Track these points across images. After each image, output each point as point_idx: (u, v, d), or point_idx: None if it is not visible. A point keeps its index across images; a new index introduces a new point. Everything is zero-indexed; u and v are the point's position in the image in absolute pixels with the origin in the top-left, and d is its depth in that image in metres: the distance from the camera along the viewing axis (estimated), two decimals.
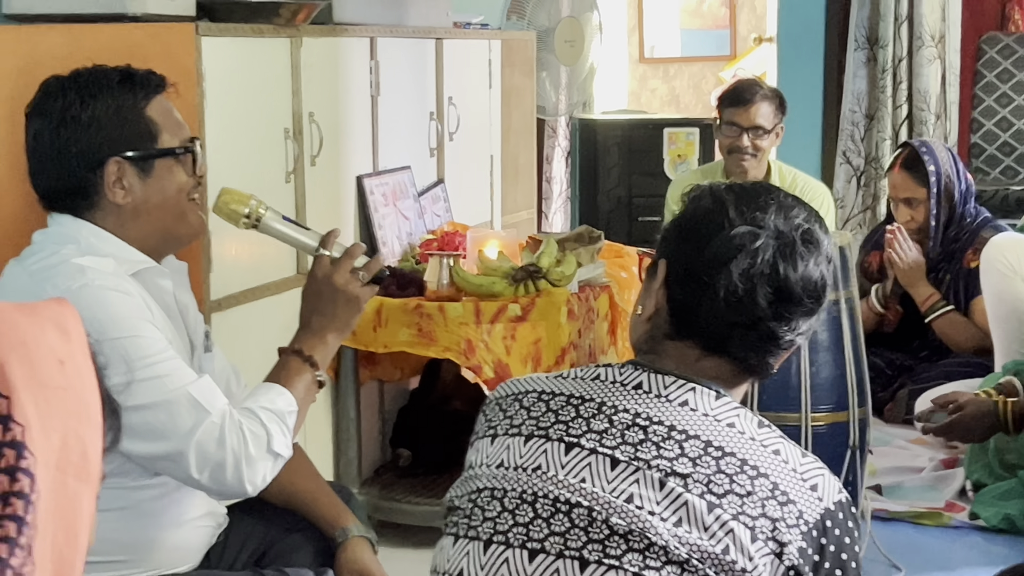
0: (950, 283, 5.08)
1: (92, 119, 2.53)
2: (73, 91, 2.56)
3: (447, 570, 1.99)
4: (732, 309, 1.97)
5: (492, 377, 4.09)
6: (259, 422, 2.45)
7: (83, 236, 2.52)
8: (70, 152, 2.54)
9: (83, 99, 2.55)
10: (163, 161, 2.58)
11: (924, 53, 6.95)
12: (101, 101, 2.54)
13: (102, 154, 2.53)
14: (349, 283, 2.60)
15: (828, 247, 2.02)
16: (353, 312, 2.62)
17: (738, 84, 5.47)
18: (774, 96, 5.36)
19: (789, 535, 1.85)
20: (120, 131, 2.55)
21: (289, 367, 2.58)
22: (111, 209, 2.55)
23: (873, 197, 7.09)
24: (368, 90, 4.48)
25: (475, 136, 5.40)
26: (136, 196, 2.56)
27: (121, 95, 2.56)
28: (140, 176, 2.56)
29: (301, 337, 2.63)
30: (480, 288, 4.20)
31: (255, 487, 2.46)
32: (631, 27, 9.85)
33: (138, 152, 2.56)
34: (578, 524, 1.89)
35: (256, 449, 2.42)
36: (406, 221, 4.70)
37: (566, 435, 1.96)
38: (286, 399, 2.52)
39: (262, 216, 2.64)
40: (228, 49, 3.60)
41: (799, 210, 2.02)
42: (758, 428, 1.94)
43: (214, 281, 3.55)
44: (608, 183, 7.81)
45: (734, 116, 5.29)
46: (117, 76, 2.58)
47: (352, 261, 2.62)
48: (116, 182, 2.54)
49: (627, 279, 4.84)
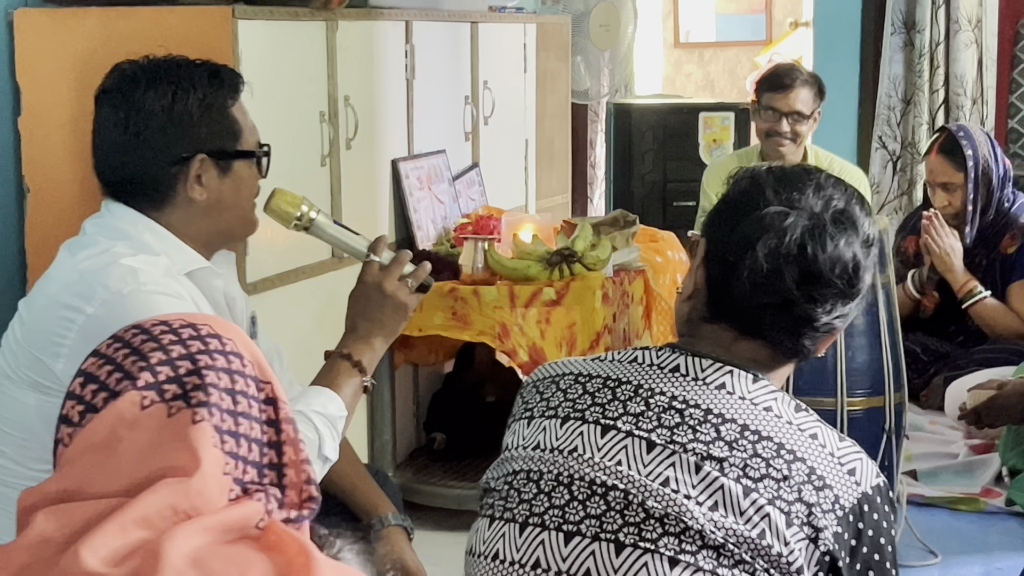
0: (987, 269, 5.05)
1: (185, 113, 2.50)
2: (165, 82, 2.51)
3: (483, 552, 2.00)
4: (759, 289, 1.96)
5: (526, 361, 4.09)
6: (312, 427, 2.45)
7: (137, 232, 2.49)
8: (156, 144, 2.50)
9: (176, 92, 2.50)
10: (242, 162, 2.57)
11: (961, 37, 6.91)
12: (194, 96, 2.51)
13: (189, 149, 2.51)
14: (399, 290, 2.59)
15: (867, 229, 1.99)
16: (400, 318, 2.61)
17: (778, 68, 5.45)
18: (814, 82, 5.34)
19: (824, 520, 1.84)
20: (209, 128, 2.52)
21: (338, 371, 2.57)
22: (183, 205, 2.53)
23: (909, 182, 7.05)
24: (403, 74, 4.48)
25: (510, 120, 5.40)
26: (212, 194, 2.54)
27: (211, 91, 2.54)
28: (219, 175, 2.54)
29: (349, 341, 2.61)
30: (515, 272, 4.20)
31: None
32: (666, 12, 9.82)
33: (222, 150, 2.54)
34: (614, 507, 1.89)
35: (309, 452, 2.42)
36: (441, 205, 4.70)
37: (602, 417, 1.96)
38: (337, 404, 2.52)
39: (314, 219, 2.62)
40: (264, 32, 3.61)
41: (837, 191, 1.99)
42: (795, 412, 1.93)
43: (250, 264, 3.56)
44: (643, 168, 7.79)
45: (773, 101, 5.27)
46: (206, 71, 2.56)
47: (401, 268, 2.61)
48: (196, 179, 2.52)
49: (662, 263, 4.83)
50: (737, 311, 1.99)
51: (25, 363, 2.40)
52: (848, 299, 1.97)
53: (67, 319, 2.35)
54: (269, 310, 3.62)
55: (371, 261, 2.62)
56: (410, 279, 2.61)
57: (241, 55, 3.46)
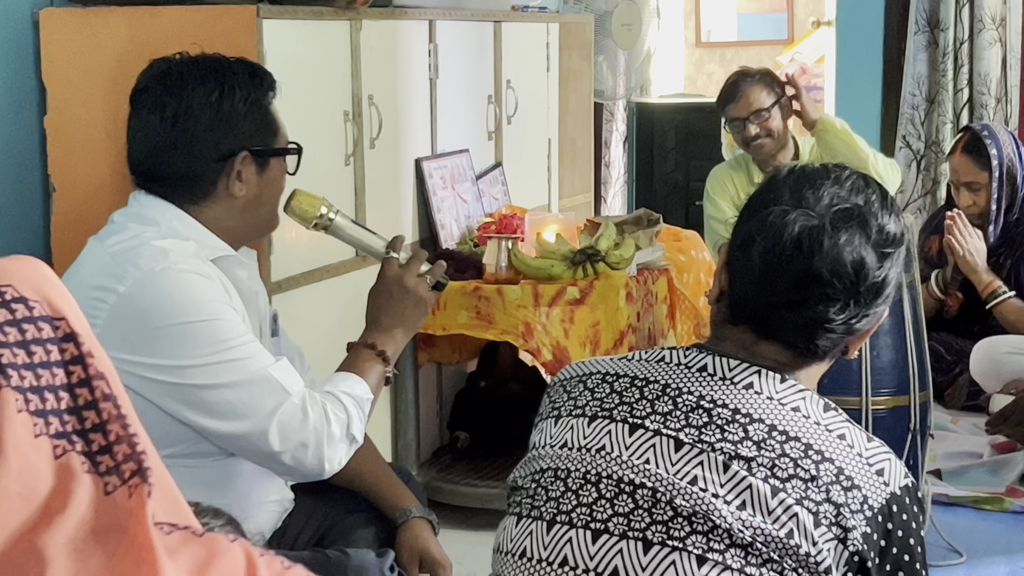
0: (1011, 268, 5.03)
1: (232, 110, 2.53)
2: (212, 79, 2.54)
3: (510, 549, 2.00)
4: (758, 289, 1.96)
5: (550, 360, 4.09)
6: (342, 405, 2.48)
7: (165, 219, 2.52)
8: (204, 140, 2.52)
9: (223, 88, 2.53)
10: (277, 160, 2.62)
11: (985, 36, 6.88)
12: (240, 93, 2.55)
13: (235, 146, 2.54)
14: (419, 285, 2.65)
15: (886, 227, 1.96)
16: (421, 313, 2.67)
17: (726, 83, 5.46)
18: (762, 77, 5.36)
19: (853, 520, 1.83)
20: (253, 125, 2.56)
21: (361, 359, 2.62)
22: (222, 200, 2.56)
23: (933, 181, 7.03)
24: (427, 73, 4.48)
25: (533, 119, 5.40)
26: (251, 190, 2.57)
27: (254, 88, 2.57)
28: (258, 172, 2.58)
29: (371, 333, 2.66)
30: (538, 271, 4.20)
31: (332, 468, 2.48)
32: (688, 11, 9.80)
33: (263, 148, 2.58)
34: (642, 505, 1.89)
35: (339, 430, 2.45)
36: (464, 204, 4.70)
37: (630, 416, 1.96)
38: (363, 387, 2.55)
39: (333, 219, 2.68)
40: (288, 32, 3.61)
41: (855, 188, 1.98)
42: (823, 412, 1.93)
43: (274, 263, 3.56)
44: (665, 167, 7.79)
45: (732, 112, 5.33)
46: (246, 69, 2.60)
47: (420, 264, 2.67)
48: (237, 175, 2.55)
49: (686, 262, 4.83)
50: (752, 313, 1.99)
51: None
52: (860, 299, 1.94)
53: (99, 299, 2.38)
54: (293, 309, 3.63)
55: (390, 258, 2.67)
56: (428, 276, 2.67)
57: (266, 54, 3.46)
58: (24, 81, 3.56)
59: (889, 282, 1.99)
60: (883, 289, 1.97)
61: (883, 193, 2.02)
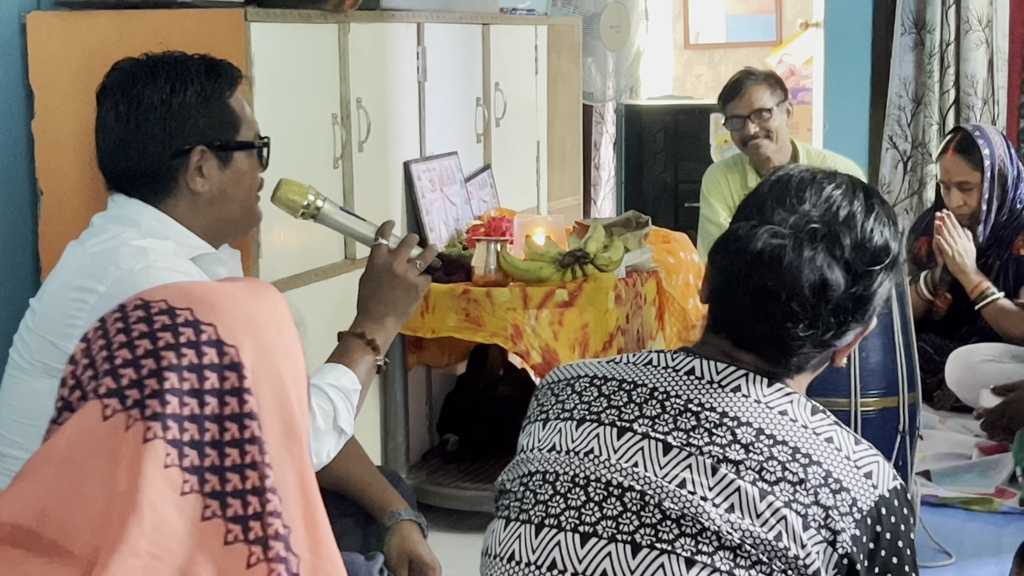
0: (999, 270, 5.04)
1: (183, 106, 2.55)
2: (163, 77, 2.56)
3: (498, 553, 1.99)
4: (724, 300, 1.98)
5: (539, 362, 4.09)
6: (327, 397, 2.48)
7: (144, 220, 2.53)
8: (156, 137, 2.55)
9: (174, 85, 2.55)
10: (242, 154, 2.61)
11: (971, 37, 6.89)
12: (192, 88, 2.56)
13: (189, 141, 2.55)
14: (408, 271, 2.63)
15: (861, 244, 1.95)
16: (412, 299, 2.66)
17: (729, 81, 5.47)
18: (766, 77, 5.38)
19: (842, 523, 1.83)
20: (208, 120, 2.57)
21: (351, 348, 2.61)
22: (186, 196, 2.57)
23: (920, 182, 7.03)
24: (415, 76, 4.48)
25: (521, 122, 5.40)
26: (213, 185, 2.58)
27: (209, 84, 2.58)
28: (220, 166, 2.58)
29: (361, 322, 2.65)
30: (527, 273, 4.20)
31: (320, 461, 2.48)
32: (676, 13, 9.81)
33: (222, 142, 2.58)
34: (630, 508, 1.89)
35: (324, 423, 2.46)
36: (453, 207, 4.70)
37: (618, 420, 1.96)
38: (351, 378, 2.55)
39: (321, 207, 2.67)
40: (276, 35, 3.61)
41: (837, 202, 1.97)
42: (811, 415, 1.92)
43: (263, 266, 3.56)
44: (654, 169, 7.80)
45: (734, 109, 5.33)
46: (203, 65, 2.60)
47: (410, 250, 2.65)
48: (197, 170, 2.56)
49: (675, 264, 4.83)
50: (726, 322, 2.00)
51: (38, 350, 2.42)
52: (822, 320, 1.93)
53: (80, 300, 2.38)
54: None
55: (380, 244, 2.66)
56: (418, 261, 2.66)
57: (253, 57, 3.46)
58: (11, 85, 3.56)
59: (871, 297, 1.96)
60: (860, 306, 1.95)
61: (871, 204, 1.99)
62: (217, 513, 1.33)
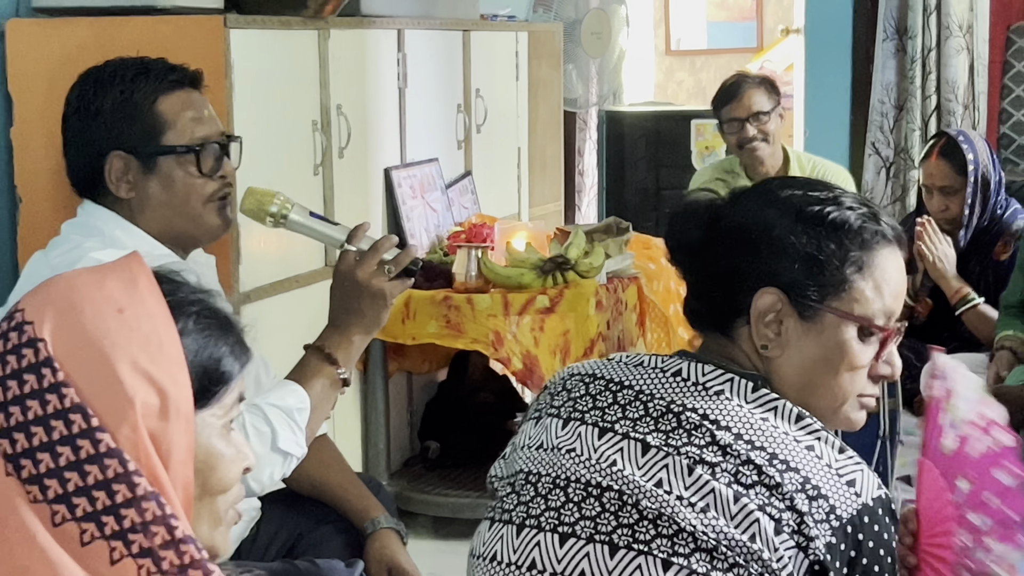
0: (980, 275, 5.04)
1: (99, 111, 2.52)
2: (90, 81, 2.56)
3: (482, 553, 2.00)
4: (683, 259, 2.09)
5: (521, 369, 4.09)
6: (264, 419, 2.40)
7: (108, 228, 2.52)
8: (79, 142, 2.55)
9: (95, 90, 2.54)
10: (167, 159, 2.55)
11: (952, 43, 6.91)
12: (111, 93, 2.52)
13: (104, 147, 2.52)
14: (373, 277, 2.48)
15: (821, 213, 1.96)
16: (380, 308, 2.51)
17: (724, 83, 5.47)
18: (762, 81, 5.38)
19: (816, 530, 1.83)
20: (123, 125, 2.52)
21: (307, 363, 2.52)
22: (120, 202, 2.55)
23: (902, 188, 7.05)
24: (396, 82, 4.48)
25: (502, 128, 5.40)
26: (141, 192, 2.54)
27: (132, 88, 2.53)
28: (143, 172, 2.54)
29: (325, 334, 2.55)
30: (508, 280, 4.20)
31: (261, 485, 2.41)
32: (657, 19, 9.83)
33: (140, 147, 2.53)
34: (608, 508, 1.89)
35: (260, 447, 2.37)
36: (434, 213, 4.70)
37: (601, 420, 1.96)
38: (298, 396, 2.46)
39: (288, 213, 2.53)
40: (256, 41, 3.60)
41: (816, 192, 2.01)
42: (794, 422, 1.92)
43: (243, 273, 3.55)
44: (635, 175, 7.80)
45: (731, 112, 5.31)
46: (135, 69, 2.56)
47: (379, 255, 2.50)
48: (120, 176, 2.53)
49: (655, 270, 4.84)
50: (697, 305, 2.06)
51: None
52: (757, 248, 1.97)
53: None
54: (263, 319, 3.61)
55: (346, 251, 2.52)
56: (391, 265, 2.49)
57: (233, 64, 3.46)
58: None
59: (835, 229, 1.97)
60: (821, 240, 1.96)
61: (860, 212, 2.00)
62: (67, 517, 1.30)
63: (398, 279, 2.51)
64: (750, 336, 1.98)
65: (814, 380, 1.99)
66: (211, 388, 1.44)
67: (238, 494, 1.52)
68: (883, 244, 1.99)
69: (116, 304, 1.36)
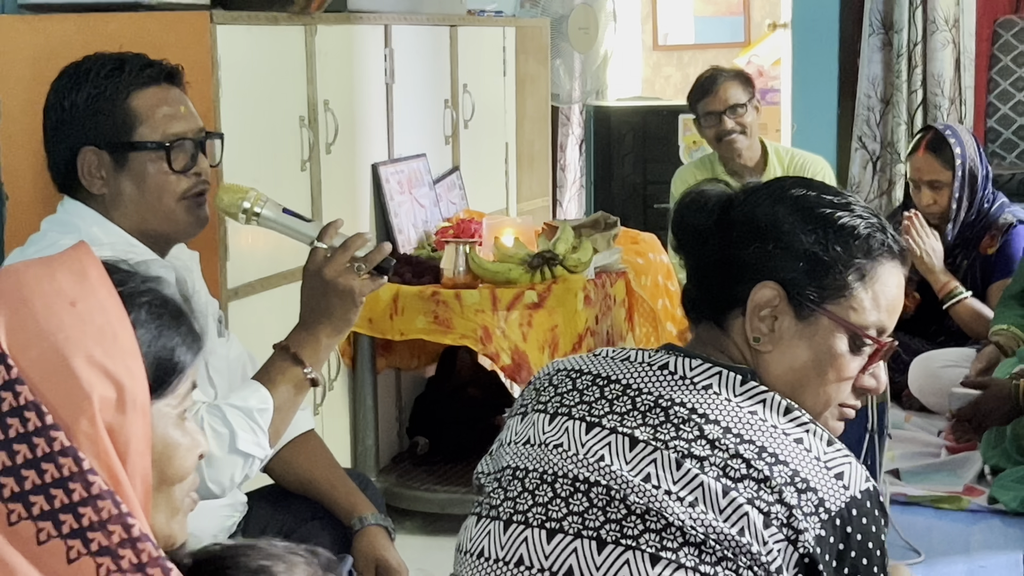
0: (967, 269, 5.05)
1: (73, 106, 2.52)
2: (67, 77, 2.55)
3: (469, 549, 2.00)
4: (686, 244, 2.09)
5: (509, 364, 4.09)
6: (222, 420, 2.37)
7: (85, 224, 2.51)
8: (56, 138, 2.55)
9: (71, 86, 2.53)
10: (138, 155, 2.54)
11: (938, 37, 6.91)
12: (84, 89, 2.52)
13: (77, 142, 2.52)
14: (341, 275, 2.44)
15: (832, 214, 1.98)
16: (348, 306, 2.47)
17: (699, 78, 5.49)
18: (737, 74, 5.42)
19: (805, 523, 1.83)
20: (95, 120, 2.52)
21: (272, 364, 2.50)
22: (94, 198, 2.54)
23: (889, 182, 7.05)
24: (383, 78, 4.47)
25: (490, 124, 5.39)
26: (113, 188, 2.53)
27: (105, 83, 2.52)
28: (115, 168, 2.53)
29: (293, 334, 2.52)
30: (496, 275, 4.20)
31: (221, 487, 2.38)
32: (645, 14, 9.82)
33: (111, 143, 2.52)
34: (596, 504, 1.88)
35: (218, 449, 2.35)
36: (422, 209, 4.69)
37: (588, 415, 1.96)
38: (260, 396, 2.43)
39: (260, 210, 2.50)
40: (243, 37, 3.60)
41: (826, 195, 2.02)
42: (783, 415, 1.91)
43: (231, 270, 3.55)
44: (623, 170, 7.80)
45: (708, 106, 5.33)
46: (111, 64, 2.55)
47: (349, 253, 2.46)
48: (93, 172, 2.52)
49: (643, 265, 4.84)
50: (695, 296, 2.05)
51: None
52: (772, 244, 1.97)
53: None
54: (250, 316, 3.61)
55: (315, 248, 2.49)
56: (362, 263, 2.46)
57: (220, 60, 3.45)
58: None
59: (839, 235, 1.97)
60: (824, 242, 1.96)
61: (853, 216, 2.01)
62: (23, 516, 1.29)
63: (370, 277, 2.48)
64: (743, 328, 1.98)
65: (801, 382, 1.99)
66: (165, 378, 1.42)
67: (194, 482, 1.51)
68: (888, 257, 2.00)
69: (68, 297, 1.35)
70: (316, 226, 2.54)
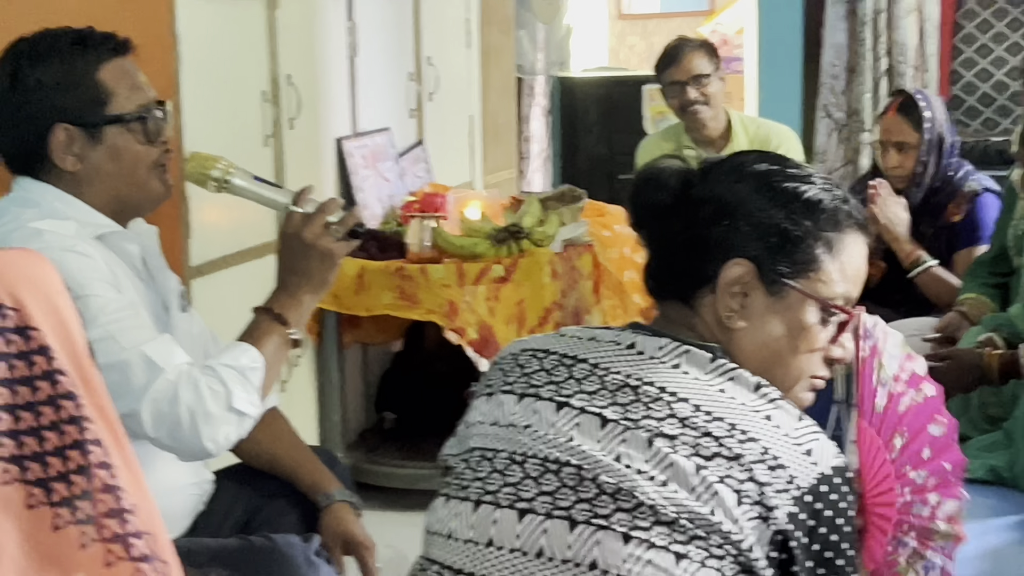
0: (932, 238, 5.05)
1: (39, 84, 2.47)
2: (25, 54, 2.50)
3: (438, 530, 1.99)
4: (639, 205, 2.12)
5: (476, 339, 4.07)
6: (218, 379, 2.38)
7: (46, 200, 2.48)
8: (19, 117, 2.49)
9: (32, 62, 2.48)
10: (113, 128, 2.51)
11: (902, 5, 6.92)
12: (49, 65, 2.48)
13: (48, 120, 2.48)
14: (320, 238, 2.50)
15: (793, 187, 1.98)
16: (328, 268, 2.53)
17: (665, 48, 5.48)
18: (702, 44, 5.40)
19: (777, 500, 1.82)
20: (66, 96, 2.48)
21: (259, 326, 2.52)
22: (64, 176, 2.51)
23: (855, 151, 7.06)
24: (346, 51, 4.45)
25: (454, 96, 5.37)
26: (88, 163, 2.50)
27: (71, 58, 2.49)
28: (90, 143, 2.50)
29: (274, 296, 2.56)
30: (462, 249, 4.18)
31: (217, 445, 2.39)
32: None
33: (85, 118, 2.50)
34: (567, 483, 1.87)
35: (215, 406, 2.36)
36: (387, 183, 4.67)
37: (557, 395, 1.95)
38: (250, 355, 2.45)
39: (231, 178, 2.54)
40: (203, 12, 3.56)
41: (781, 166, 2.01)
42: (752, 392, 1.91)
43: (193, 247, 3.52)
44: (588, 141, 7.79)
45: (672, 76, 5.31)
46: (71, 38, 2.51)
47: (324, 216, 2.52)
48: (66, 149, 2.49)
49: (610, 237, 4.83)
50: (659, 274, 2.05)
51: None
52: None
53: None
54: (214, 293, 3.59)
55: (292, 212, 2.53)
56: (337, 227, 2.52)
57: (180, 35, 3.42)
58: None
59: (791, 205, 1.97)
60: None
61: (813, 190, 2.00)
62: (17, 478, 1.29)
63: (344, 241, 2.54)
64: (713, 306, 1.98)
65: (773, 356, 1.99)
66: None
67: None
68: (853, 228, 2.02)
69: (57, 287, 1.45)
70: (287, 192, 2.58)
